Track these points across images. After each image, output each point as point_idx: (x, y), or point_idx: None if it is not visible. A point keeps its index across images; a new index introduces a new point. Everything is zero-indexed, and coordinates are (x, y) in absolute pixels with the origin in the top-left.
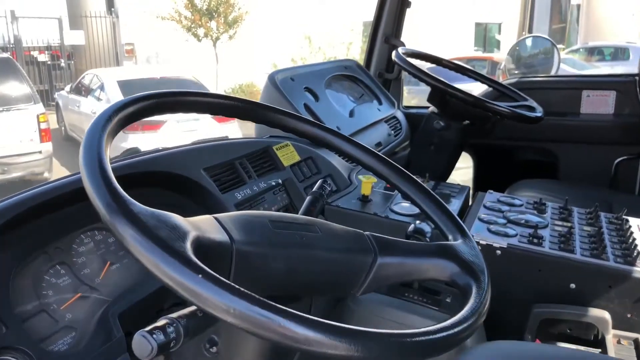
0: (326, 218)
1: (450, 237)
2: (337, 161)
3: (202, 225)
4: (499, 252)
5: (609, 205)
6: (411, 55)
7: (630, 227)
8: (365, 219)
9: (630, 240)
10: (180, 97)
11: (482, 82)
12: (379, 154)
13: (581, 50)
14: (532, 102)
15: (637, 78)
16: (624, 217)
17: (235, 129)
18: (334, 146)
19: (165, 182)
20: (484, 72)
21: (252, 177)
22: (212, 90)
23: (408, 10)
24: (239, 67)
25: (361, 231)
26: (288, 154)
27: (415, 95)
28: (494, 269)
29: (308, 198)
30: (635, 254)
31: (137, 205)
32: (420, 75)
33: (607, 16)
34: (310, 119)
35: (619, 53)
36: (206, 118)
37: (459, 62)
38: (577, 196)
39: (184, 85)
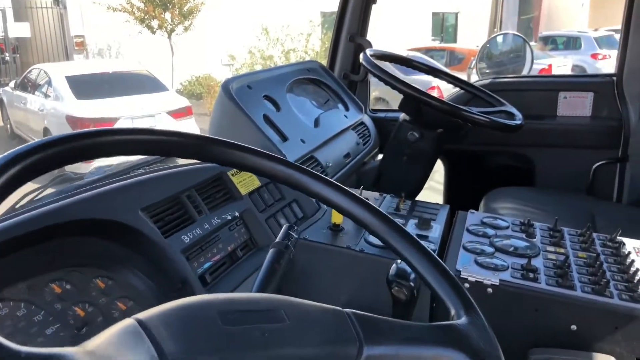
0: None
1: (453, 312)
2: None
3: (110, 351)
4: (490, 290)
5: (592, 216)
6: (380, 57)
7: (628, 253)
8: (337, 254)
9: (632, 271)
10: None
11: (458, 86)
12: (366, 201)
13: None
14: (511, 108)
15: (614, 78)
16: (618, 238)
17: (192, 125)
18: (310, 192)
19: (92, 228)
20: (442, 62)
21: (202, 213)
22: (169, 82)
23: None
24: (195, 59)
25: (340, 309)
26: (246, 180)
27: (375, 88)
28: (484, 310)
29: (270, 253)
30: None
31: (7, 348)
32: (392, 82)
33: (560, 6)
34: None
35: (571, 42)
36: (162, 114)
37: (417, 52)
38: (557, 205)
39: (138, 80)
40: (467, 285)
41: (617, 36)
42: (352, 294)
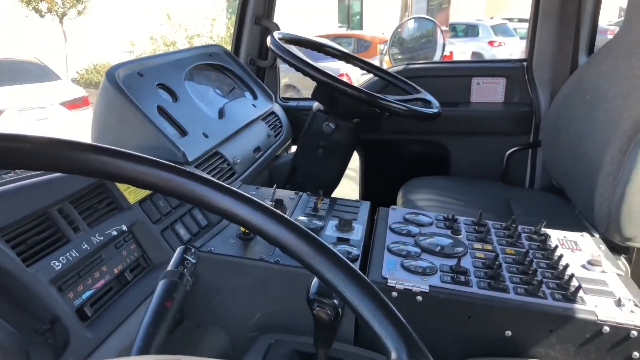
0: (196, 275)
1: (394, 356)
2: None
3: None
4: (419, 297)
5: (507, 203)
6: (289, 41)
7: (555, 247)
8: (249, 267)
9: (561, 267)
10: None
11: (373, 73)
12: (284, 215)
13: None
14: (427, 95)
15: (525, 64)
16: (542, 230)
17: (89, 116)
18: (210, 206)
19: None
20: (350, 49)
21: (79, 230)
22: (62, 72)
23: None
24: (93, 45)
25: None
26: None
27: (285, 74)
28: (414, 319)
29: (160, 287)
30: (571, 287)
31: None
32: (304, 69)
33: None
34: (166, 134)
35: (470, 30)
36: (54, 105)
37: (324, 39)
38: (474, 194)
39: (24, 68)
40: (395, 294)
41: (511, 24)
42: (268, 312)
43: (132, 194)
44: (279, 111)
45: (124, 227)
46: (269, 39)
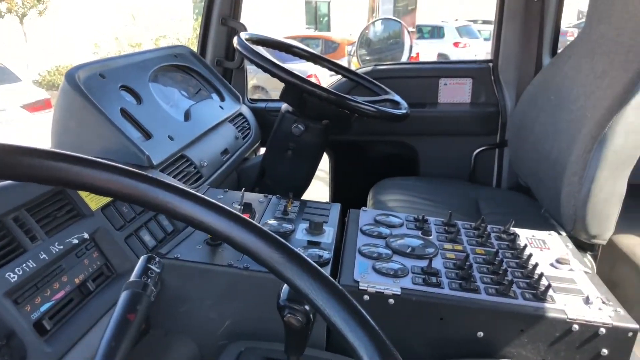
0: (162, 283)
1: None
2: None
3: None
4: (391, 300)
5: (476, 203)
6: (257, 42)
7: (525, 246)
8: (217, 274)
9: (531, 266)
10: None
11: (341, 74)
12: (251, 221)
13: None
14: (396, 96)
15: (490, 65)
16: (511, 229)
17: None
18: (173, 213)
19: None
20: (317, 51)
21: (37, 239)
22: (22, 74)
23: None
24: (56, 47)
25: None
26: None
27: (252, 75)
28: (387, 322)
29: (122, 298)
30: (541, 287)
31: None
32: (272, 69)
33: None
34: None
35: (436, 31)
36: (14, 107)
37: (292, 41)
38: (443, 195)
39: None
40: (366, 297)
41: (475, 26)
42: (237, 319)
43: (94, 201)
44: (247, 113)
45: (86, 235)
46: (235, 40)
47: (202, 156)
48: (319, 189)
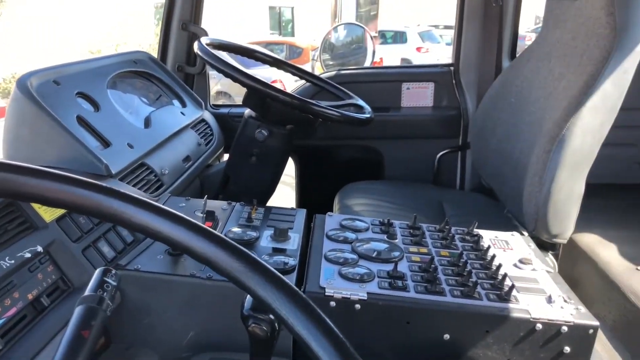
0: (123, 295)
1: None
2: None
3: None
4: (358, 306)
5: (440, 205)
6: (218, 47)
7: (488, 247)
8: (179, 285)
9: (494, 267)
10: None
11: (305, 79)
12: (209, 229)
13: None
14: (359, 101)
15: (452, 69)
16: (475, 231)
17: None
18: (129, 224)
19: None
20: (282, 56)
21: None
22: None
23: None
24: (15, 53)
25: None
26: None
27: (216, 81)
28: (353, 328)
29: (76, 314)
30: (505, 287)
31: None
32: (233, 74)
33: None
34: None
35: (399, 37)
36: None
37: (256, 46)
38: (408, 198)
39: None
40: (333, 303)
41: (436, 31)
42: (201, 330)
43: (48, 212)
44: (209, 119)
45: (39, 248)
46: (195, 45)
47: (163, 164)
48: (285, 195)
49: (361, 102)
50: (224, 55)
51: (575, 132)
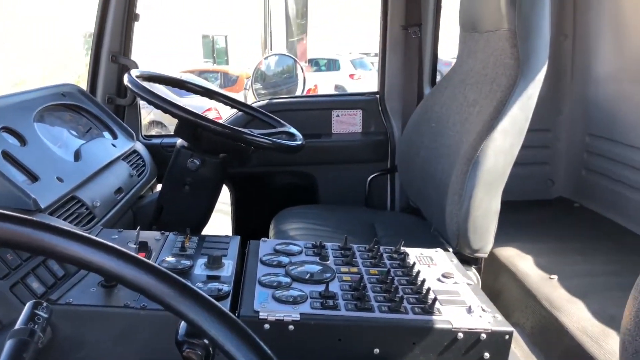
0: (55, 330)
1: None
2: None
3: None
4: (291, 327)
5: (372, 227)
6: (148, 79)
7: (413, 263)
8: (113, 316)
9: (419, 282)
10: None
11: (237, 108)
12: (139, 257)
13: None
14: (291, 128)
15: (377, 96)
16: (402, 249)
17: None
18: (59, 256)
19: None
20: (216, 84)
21: None
22: None
23: None
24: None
25: None
26: None
27: (149, 110)
28: (288, 349)
29: (6, 348)
30: (429, 300)
31: None
32: (164, 106)
33: (321, 32)
34: (11, 179)
35: (332, 64)
36: None
37: (190, 74)
38: (341, 221)
39: None
40: (267, 326)
41: (368, 59)
42: None
43: None
44: (141, 149)
45: None
46: (125, 77)
47: (94, 196)
48: (221, 222)
49: (292, 130)
50: (155, 86)
51: (488, 153)
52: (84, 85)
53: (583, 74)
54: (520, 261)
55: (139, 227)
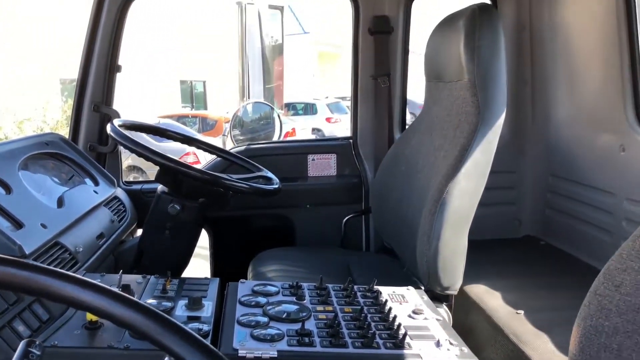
0: None
1: None
2: None
3: None
4: None
5: (348, 268)
6: (130, 128)
7: (385, 301)
8: (97, 357)
9: (391, 318)
10: None
11: (215, 154)
12: (131, 298)
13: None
14: (268, 173)
15: (351, 141)
16: (375, 288)
17: None
18: (53, 296)
19: None
20: (195, 128)
21: None
22: None
23: None
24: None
25: None
26: None
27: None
28: None
29: None
30: (400, 335)
31: None
32: (146, 154)
33: (296, 77)
34: None
35: (309, 108)
36: None
37: (169, 120)
38: (318, 262)
39: None
40: None
41: (344, 103)
42: None
43: None
44: (122, 195)
45: None
46: (109, 127)
47: (77, 242)
48: (199, 265)
49: (269, 174)
50: (138, 135)
51: (454, 195)
52: (61, 130)
53: (543, 118)
54: (490, 298)
55: (121, 271)
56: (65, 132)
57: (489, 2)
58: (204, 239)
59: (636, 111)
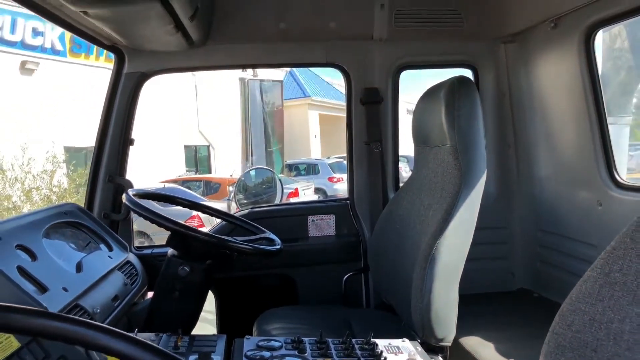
0: None
1: None
2: None
3: None
4: None
5: (349, 324)
6: (143, 196)
7: (381, 352)
8: None
9: None
10: None
11: (222, 219)
12: (153, 345)
13: (283, 167)
14: (270, 234)
15: (348, 202)
16: (372, 340)
17: None
18: (86, 343)
19: None
20: (199, 192)
21: None
22: None
23: None
24: None
25: None
26: (1, 343)
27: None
28: None
29: None
30: None
31: None
32: (160, 222)
33: (298, 138)
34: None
35: (311, 168)
36: None
37: (173, 184)
38: (320, 319)
39: None
40: None
41: (345, 162)
42: None
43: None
44: (134, 260)
45: None
46: (124, 197)
47: (94, 304)
48: (204, 322)
49: (272, 236)
50: (150, 203)
51: (442, 251)
52: (70, 198)
53: (528, 177)
54: (484, 349)
55: (136, 329)
56: (73, 199)
57: (469, 76)
58: (209, 300)
59: (608, 169)
